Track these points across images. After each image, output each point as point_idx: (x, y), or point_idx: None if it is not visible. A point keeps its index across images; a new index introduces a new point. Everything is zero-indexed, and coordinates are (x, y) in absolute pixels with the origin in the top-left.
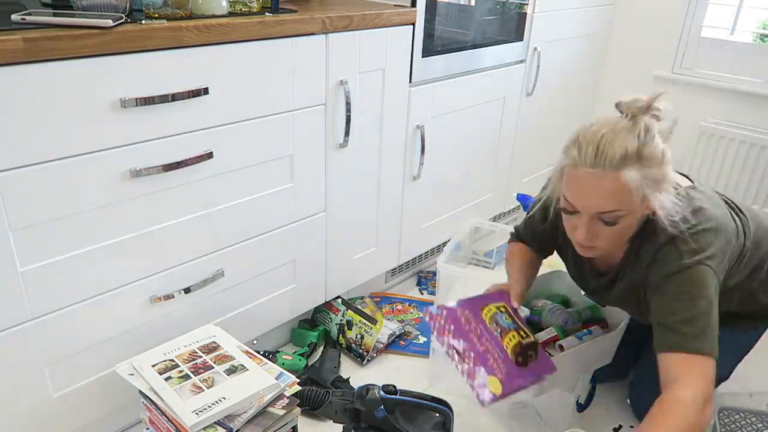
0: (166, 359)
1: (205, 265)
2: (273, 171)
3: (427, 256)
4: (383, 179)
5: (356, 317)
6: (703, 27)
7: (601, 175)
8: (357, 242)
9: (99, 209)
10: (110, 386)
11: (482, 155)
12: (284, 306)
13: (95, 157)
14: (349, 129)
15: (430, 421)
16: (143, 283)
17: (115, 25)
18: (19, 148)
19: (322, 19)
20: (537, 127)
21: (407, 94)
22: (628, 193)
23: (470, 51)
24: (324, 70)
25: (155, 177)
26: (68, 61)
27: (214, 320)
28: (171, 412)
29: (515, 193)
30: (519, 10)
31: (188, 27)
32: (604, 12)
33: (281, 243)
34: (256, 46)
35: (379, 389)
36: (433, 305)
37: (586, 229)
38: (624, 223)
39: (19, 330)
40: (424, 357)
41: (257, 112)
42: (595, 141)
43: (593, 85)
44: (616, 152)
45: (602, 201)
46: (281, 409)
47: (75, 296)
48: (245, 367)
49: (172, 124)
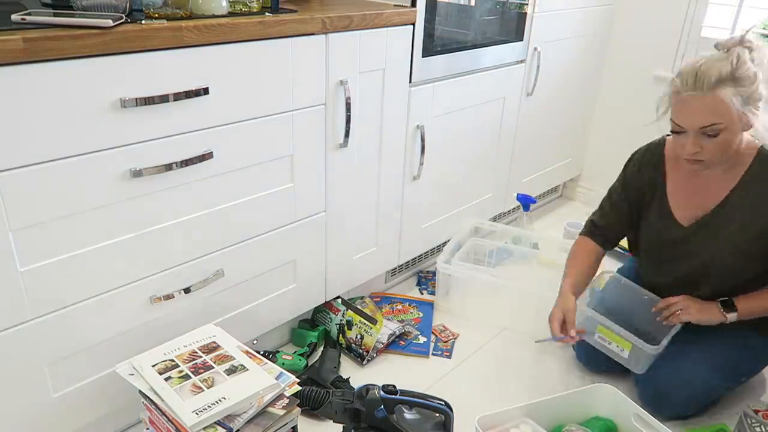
0: (166, 359)
1: (205, 265)
2: (273, 171)
3: (427, 256)
4: (383, 179)
5: (356, 317)
6: (703, 27)
7: (700, 96)
8: (357, 242)
9: (99, 209)
10: (110, 386)
11: (482, 155)
12: (284, 306)
13: (95, 157)
14: (349, 129)
15: (430, 421)
16: (143, 283)
17: (115, 25)
18: (19, 148)
19: (322, 19)
20: (537, 127)
21: (407, 94)
22: (725, 109)
23: (470, 51)
24: (324, 70)
25: (155, 177)
26: (68, 61)
27: (214, 320)
28: (171, 412)
29: (515, 193)
30: (519, 10)
31: (188, 27)
32: (604, 12)
33: (281, 243)
34: (256, 46)
35: (379, 389)
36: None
37: (692, 143)
38: (724, 136)
39: (19, 330)
40: (424, 357)
41: (257, 112)
42: (694, 69)
43: (593, 85)
44: (711, 76)
45: (703, 117)
46: (281, 409)
47: (75, 296)
48: (245, 367)
49: (172, 124)
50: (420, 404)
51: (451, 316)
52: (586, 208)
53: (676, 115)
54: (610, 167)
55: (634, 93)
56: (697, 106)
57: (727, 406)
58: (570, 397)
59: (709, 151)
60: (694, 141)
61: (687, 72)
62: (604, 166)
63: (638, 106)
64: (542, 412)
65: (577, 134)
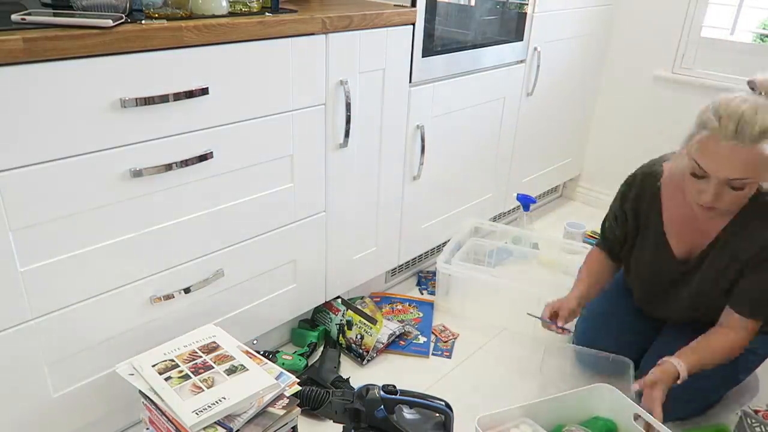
0: (166, 359)
1: (205, 265)
2: (273, 171)
3: (427, 256)
4: (383, 179)
5: (356, 317)
6: (703, 27)
7: (740, 147)
8: (357, 242)
9: (99, 209)
10: (110, 386)
11: (482, 155)
12: (284, 306)
13: (95, 157)
14: (349, 129)
15: (430, 421)
16: (143, 283)
17: (115, 25)
18: (19, 148)
19: (322, 19)
20: (537, 127)
21: (407, 94)
22: (762, 165)
23: (470, 51)
24: (324, 70)
25: (155, 177)
26: (68, 61)
27: (214, 320)
28: (171, 412)
29: (515, 193)
30: (519, 10)
31: (188, 27)
32: (604, 12)
33: (281, 243)
34: (256, 46)
35: (379, 389)
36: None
37: (714, 193)
38: (750, 189)
39: (19, 330)
40: (424, 357)
41: (257, 112)
42: (736, 116)
43: (593, 85)
44: (756, 128)
45: (736, 171)
46: (281, 409)
47: (75, 296)
48: (245, 367)
49: (172, 124)
50: (420, 404)
51: (451, 316)
52: (586, 208)
53: (705, 161)
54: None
55: (634, 93)
56: (734, 158)
57: (726, 405)
58: (570, 397)
59: (727, 201)
60: (717, 190)
61: (728, 116)
62: (604, 166)
63: (638, 106)
64: (542, 412)
65: (577, 134)
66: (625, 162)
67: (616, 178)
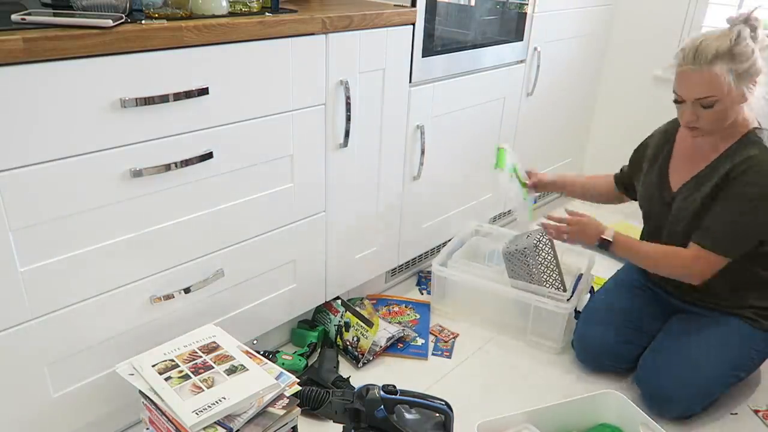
0: (166, 359)
1: (205, 265)
2: (273, 171)
3: (427, 256)
4: (383, 179)
5: (354, 319)
6: (703, 27)
7: (698, 70)
8: (357, 242)
9: (99, 209)
10: (110, 386)
11: (482, 155)
12: (284, 306)
13: (95, 157)
14: (349, 129)
15: (430, 421)
16: (143, 283)
17: (115, 25)
18: (19, 148)
19: (322, 19)
20: (537, 127)
21: (407, 94)
22: (719, 83)
23: (470, 51)
24: (324, 70)
25: (155, 177)
26: (68, 61)
27: (214, 320)
28: (171, 412)
29: None
30: (519, 10)
31: (188, 27)
32: (604, 12)
33: (281, 243)
34: (256, 46)
35: (379, 389)
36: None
37: (689, 113)
38: (719, 107)
39: (19, 330)
40: (423, 359)
41: (257, 112)
42: (694, 44)
43: (593, 85)
44: (709, 51)
45: (699, 89)
46: (281, 409)
47: (75, 296)
48: (245, 367)
49: (172, 124)
50: (420, 404)
51: (448, 318)
52: (586, 208)
53: (676, 86)
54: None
55: (634, 93)
56: (694, 79)
57: (726, 405)
58: (575, 404)
59: (704, 120)
60: (692, 110)
61: (688, 47)
62: (604, 166)
63: (638, 106)
64: (545, 418)
65: (577, 134)
66: (625, 162)
67: None
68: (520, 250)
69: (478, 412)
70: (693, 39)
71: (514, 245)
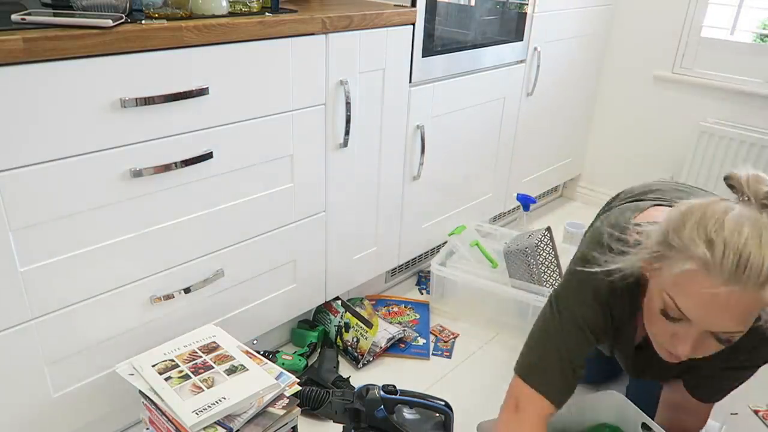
0: (166, 359)
1: (205, 265)
2: (273, 171)
3: (427, 256)
4: (383, 179)
5: (353, 320)
6: (703, 27)
7: (739, 293)
8: (357, 242)
9: (99, 209)
10: (110, 386)
11: (482, 155)
12: (284, 306)
13: (95, 157)
14: (349, 129)
15: (430, 421)
16: (143, 283)
17: (115, 25)
18: (19, 148)
19: (322, 19)
20: (537, 127)
21: (407, 94)
22: (757, 312)
23: (470, 51)
24: (324, 70)
25: (155, 177)
26: (68, 61)
27: (214, 320)
28: (171, 412)
29: (515, 193)
30: (519, 10)
31: (188, 27)
32: (604, 12)
33: (281, 243)
34: (256, 46)
35: (379, 389)
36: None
37: (693, 345)
38: (736, 337)
39: (19, 330)
40: (424, 359)
41: (257, 112)
42: (738, 249)
43: (593, 85)
44: (764, 266)
45: (735, 323)
46: (281, 409)
47: (75, 296)
48: (245, 367)
49: (172, 124)
50: (420, 404)
51: (448, 318)
52: (587, 209)
53: (688, 304)
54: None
55: (634, 93)
56: (732, 306)
57: (726, 405)
58: (575, 404)
59: (704, 352)
60: (697, 341)
61: (726, 248)
62: (604, 166)
63: (638, 106)
64: None
65: (577, 134)
66: (625, 162)
67: (616, 178)
68: (521, 250)
69: (478, 412)
70: (723, 228)
71: (515, 245)
